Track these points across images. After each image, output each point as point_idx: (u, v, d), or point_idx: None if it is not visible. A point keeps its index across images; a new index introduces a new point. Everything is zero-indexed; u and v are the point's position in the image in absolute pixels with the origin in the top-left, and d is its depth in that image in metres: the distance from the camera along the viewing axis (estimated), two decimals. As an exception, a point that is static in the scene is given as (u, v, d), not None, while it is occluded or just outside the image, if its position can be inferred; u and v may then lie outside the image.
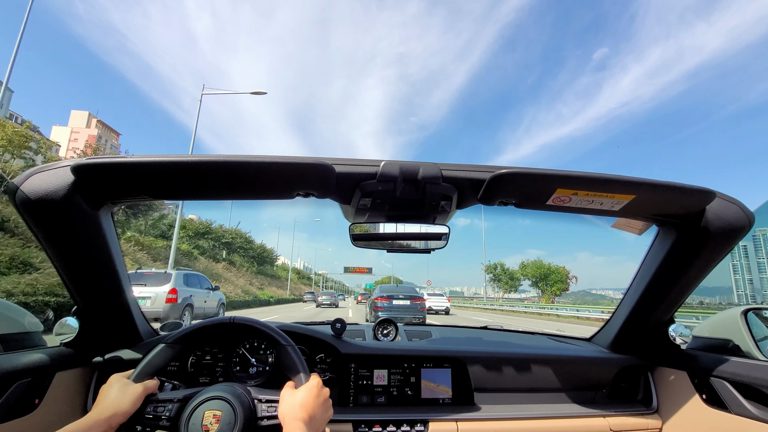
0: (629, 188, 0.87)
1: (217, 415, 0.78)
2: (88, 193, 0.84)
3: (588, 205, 0.95)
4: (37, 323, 1.10)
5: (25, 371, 0.90)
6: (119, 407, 0.78)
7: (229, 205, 1.02)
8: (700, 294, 51.04)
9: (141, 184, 0.86)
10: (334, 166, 0.85)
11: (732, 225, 0.96)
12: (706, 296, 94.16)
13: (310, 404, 0.83)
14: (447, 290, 64.48)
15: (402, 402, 1.25)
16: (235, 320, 1.02)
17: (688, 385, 1.19)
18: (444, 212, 1.03)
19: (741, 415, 1.03)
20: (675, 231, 1.05)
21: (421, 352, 1.31)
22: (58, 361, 1.00)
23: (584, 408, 1.27)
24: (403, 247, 1.14)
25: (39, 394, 0.94)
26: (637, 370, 1.35)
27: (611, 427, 1.21)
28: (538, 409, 1.25)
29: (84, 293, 1.02)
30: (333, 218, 15.52)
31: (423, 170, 0.88)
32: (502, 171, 0.84)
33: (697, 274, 1.10)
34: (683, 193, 0.90)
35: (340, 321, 1.33)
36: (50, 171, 0.81)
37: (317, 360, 1.27)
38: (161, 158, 0.78)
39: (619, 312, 1.36)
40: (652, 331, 1.27)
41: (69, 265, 0.95)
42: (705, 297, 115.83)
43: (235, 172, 0.83)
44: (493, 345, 1.49)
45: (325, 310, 22.03)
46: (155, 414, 0.82)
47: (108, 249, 0.96)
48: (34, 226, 0.85)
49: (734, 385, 1.06)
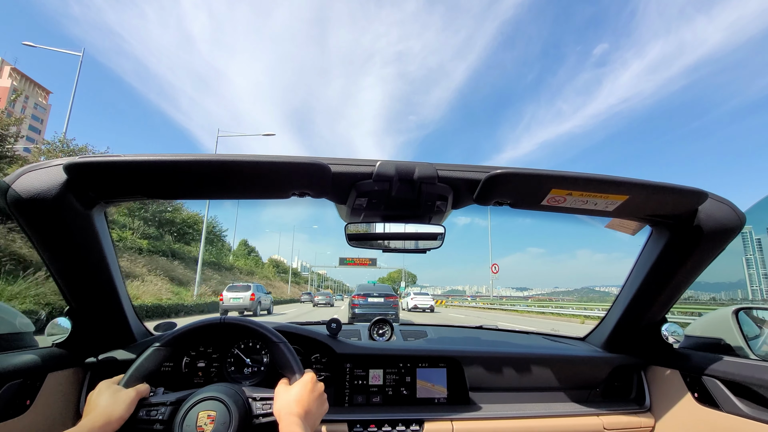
0: (623, 189, 0.88)
1: (212, 416, 0.78)
2: (80, 193, 0.83)
3: (582, 206, 0.95)
4: (28, 323, 1.09)
5: (16, 372, 0.89)
6: (112, 414, 0.77)
7: (227, 204, 1.01)
8: (713, 291, 49.29)
9: (135, 184, 0.85)
10: (330, 166, 0.85)
11: (724, 225, 0.97)
12: (708, 292, 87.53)
13: (305, 399, 0.83)
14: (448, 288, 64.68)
15: (397, 402, 1.25)
16: (225, 320, 1.02)
17: (680, 384, 1.20)
18: (440, 212, 1.03)
19: (732, 413, 1.04)
20: (668, 231, 1.06)
21: (417, 351, 1.31)
22: (50, 362, 0.99)
23: (578, 407, 1.28)
24: (399, 248, 1.14)
25: (30, 396, 0.92)
26: (630, 369, 1.36)
27: (605, 425, 1.22)
28: (532, 408, 1.26)
29: (76, 293, 1.01)
30: (331, 219, 15.09)
31: (419, 170, 0.88)
32: (498, 171, 0.84)
33: (689, 273, 1.11)
34: (676, 193, 0.91)
35: (336, 321, 1.33)
36: (42, 169, 0.80)
37: (312, 360, 1.27)
38: (155, 157, 0.77)
39: (612, 311, 1.37)
40: (645, 330, 1.29)
41: (61, 264, 0.94)
42: (709, 293, 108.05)
43: (229, 172, 0.82)
44: (489, 345, 1.49)
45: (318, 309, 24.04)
46: (148, 418, 0.82)
47: (101, 249, 0.95)
48: (25, 225, 0.84)
49: (726, 383, 1.08)
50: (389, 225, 1.08)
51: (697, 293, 35.54)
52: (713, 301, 33.88)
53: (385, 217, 1.07)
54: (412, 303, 23.30)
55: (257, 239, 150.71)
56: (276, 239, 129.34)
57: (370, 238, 1.11)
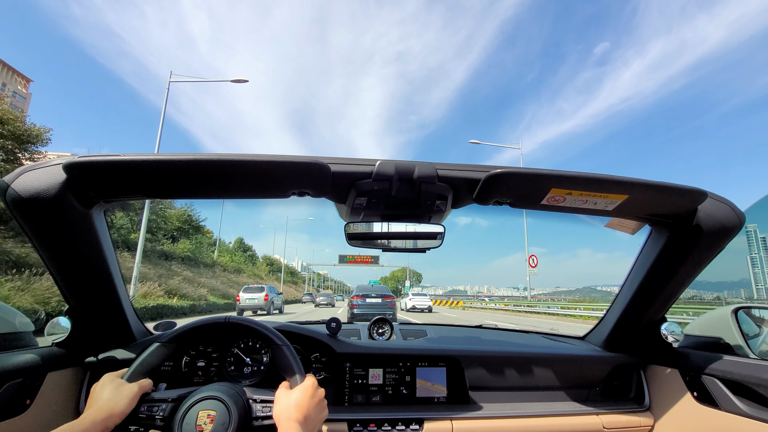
0: (622, 188, 0.88)
1: (212, 415, 0.78)
2: (80, 192, 0.83)
3: (582, 205, 0.95)
4: (28, 323, 1.09)
5: (16, 371, 0.89)
6: (115, 408, 0.78)
7: (223, 204, 1.01)
8: (716, 290, 47.79)
9: (134, 183, 0.85)
10: (330, 165, 0.85)
11: (723, 225, 0.97)
12: (711, 291, 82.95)
13: (305, 405, 0.82)
14: (449, 288, 65.10)
15: (397, 401, 1.25)
16: (230, 320, 1.02)
17: (679, 383, 1.20)
18: (439, 212, 1.03)
19: (732, 412, 1.04)
20: (667, 231, 1.06)
21: (417, 351, 1.31)
22: (49, 361, 0.99)
23: (578, 406, 1.28)
24: (399, 247, 1.15)
25: (30, 395, 0.92)
26: (629, 368, 1.36)
27: (604, 424, 1.22)
28: (532, 407, 1.26)
29: (76, 293, 1.01)
30: (331, 218, 14.67)
31: (418, 170, 0.88)
32: (497, 171, 0.85)
33: (689, 273, 1.11)
34: (675, 193, 0.91)
35: (336, 320, 1.33)
36: (42, 169, 0.80)
37: (312, 359, 1.27)
38: (155, 157, 0.77)
39: (612, 311, 1.37)
40: (645, 329, 1.29)
41: (61, 264, 0.94)
42: (713, 292, 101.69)
43: (229, 171, 0.82)
44: (488, 344, 1.50)
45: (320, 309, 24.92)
46: (149, 414, 0.82)
47: (101, 248, 0.95)
48: (25, 224, 0.84)
49: (725, 382, 1.08)
50: (389, 224, 1.08)
51: (701, 293, 34.56)
52: (717, 300, 33.25)
53: (384, 217, 1.07)
54: (411, 303, 23.70)
55: (256, 239, 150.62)
56: (279, 238, 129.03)
57: (370, 238, 1.11)
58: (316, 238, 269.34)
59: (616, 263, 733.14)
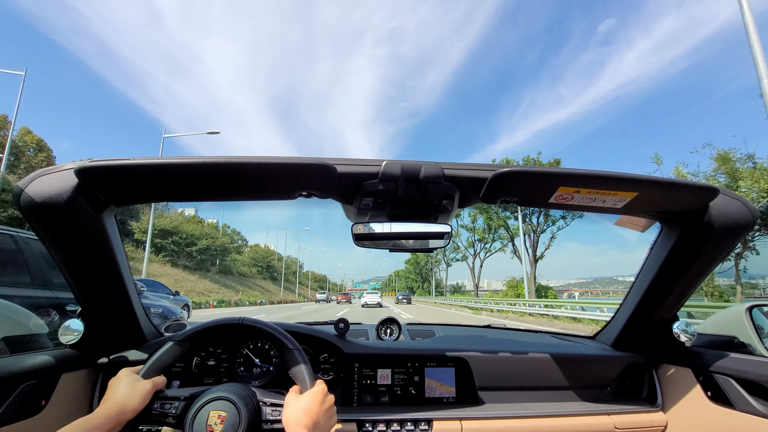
0: (631, 186, 0.87)
1: (222, 416, 0.79)
2: (91, 196, 0.84)
3: (590, 203, 0.94)
4: (42, 325, 1.11)
5: (31, 373, 0.91)
6: (128, 403, 0.79)
7: (232, 206, 1.02)
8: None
9: (144, 187, 0.86)
10: (336, 167, 0.85)
11: (736, 222, 0.96)
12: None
13: (315, 411, 0.82)
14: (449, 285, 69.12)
15: (406, 401, 1.25)
16: (244, 321, 1.03)
17: (692, 382, 1.18)
18: (446, 211, 1.03)
19: (746, 411, 1.02)
20: (678, 228, 1.05)
21: (425, 351, 1.31)
22: (63, 363, 1.01)
23: (589, 406, 1.27)
24: (406, 247, 1.15)
25: (45, 396, 0.94)
26: (641, 368, 1.35)
27: (616, 424, 1.21)
28: (542, 407, 1.25)
29: (88, 295, 1.02)
30: (338, 219, 15.33)
31: (425, 170, 0.88)
32: (504, 170, 0.84)
33: (700, 271, 1.09)
34: (686, 190, 0.89)
35: (344, 321, 1.33)
36: (54, 174, 0.81)
37: (321, 360, 1.28)
38: (164, 160, 0.78)
39: (622, 309, 1.35)
40: (656, 328, 1.27)
41: (73, 267, 0.95)
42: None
43: (237, 173, 0.83)
44: (497, 344, 1.49)
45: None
46: (162, 411, 0.83)
47: (112, 251, 0.97)
48: (38, 228, 0.85)
49: (739, 381, 1.06)
50: (396, 225, 1.08)
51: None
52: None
53: (391, 217, 1.07)
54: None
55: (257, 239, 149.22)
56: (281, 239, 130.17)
57: (377, 238, 1.12)
58: (315, 241, 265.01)
59: (631, 252, 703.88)
